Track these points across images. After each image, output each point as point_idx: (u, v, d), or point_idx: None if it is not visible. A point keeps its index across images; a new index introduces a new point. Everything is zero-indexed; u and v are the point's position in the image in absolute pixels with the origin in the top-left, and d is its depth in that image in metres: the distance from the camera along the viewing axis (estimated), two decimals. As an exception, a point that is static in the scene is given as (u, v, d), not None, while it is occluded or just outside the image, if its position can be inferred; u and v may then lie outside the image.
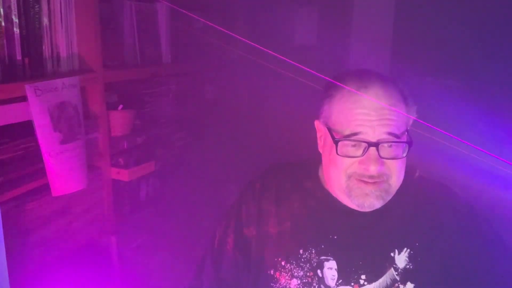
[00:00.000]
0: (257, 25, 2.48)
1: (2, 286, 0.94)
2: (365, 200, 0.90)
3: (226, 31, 2.16)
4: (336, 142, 0.90)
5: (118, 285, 1.68)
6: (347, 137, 0.89)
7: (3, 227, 0.92)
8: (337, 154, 0.90)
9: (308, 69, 1.07)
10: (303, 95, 1.37)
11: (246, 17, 2.52)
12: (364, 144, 0.88)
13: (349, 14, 2.40)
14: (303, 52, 2.47)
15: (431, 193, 0.99)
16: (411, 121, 0.94)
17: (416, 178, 1.01)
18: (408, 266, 0.94)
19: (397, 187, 0.93)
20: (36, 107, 1.26)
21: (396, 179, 0.91)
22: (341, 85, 0.93)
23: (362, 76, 0.93)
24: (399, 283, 0.94)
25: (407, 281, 0.94)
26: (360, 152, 0.89)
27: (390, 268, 0.94)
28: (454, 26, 1.90)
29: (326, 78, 0.97)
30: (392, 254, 0.95)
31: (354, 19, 2.39)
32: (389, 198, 0.92)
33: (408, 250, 0.95)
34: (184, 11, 1.97)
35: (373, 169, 0.88)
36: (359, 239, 0.97)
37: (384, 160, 0.88)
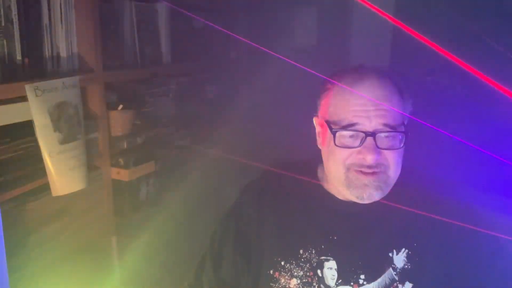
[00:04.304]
0: (257, 25, 2.48)
1: (2, 286, 0.94)
2: (364, 191, 0.91)
3: (226, 31, 2.16)
4: (333, 133, 0.91)
5: (118, 285, 1.68)
6: (344, 127, 0.90)
7: (3, 227, 0.92)
8: (335, 145, 0.91)
9: (308, 69, 1.07)
10: (303, 95, 1.37)
11: (246, 17, 2.52)
12: (361, 134, 0.89)
13: (349, 14, 2.40)
14: (303, 52, 2.47)
15: (430, 193, 1.00)
16: (407, 113, 0.95)
17: (415, 178, 1.02)
18: (406, 266, 0.94)
19: (395, 179, 0.93)
20: (36, 107, 1.26)
21: (394, 170, 0.92)
22: (338, 79, 0.94)
23: (359, 69, 0.96)
24: (397, 282, 0.94)
25: (405, 281, 0.94)
26: (357, 142, 0.90)
27: (388, 268, 0.95)
28: (454, 26, 1.90)
29: (326, 78, 0.98)
30: (390, 254, 0.95)
31: (354, 19, 2.39)
32: (388, 189, 0.93)
33: (407, 250, 0.95)
34: (184, 11, 1.97)
35: (370, 158, 0.89)
36: (359, 239, 0.97)
37: (382, 150, 0.89)
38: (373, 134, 0.89)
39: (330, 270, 0.96)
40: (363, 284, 0.94)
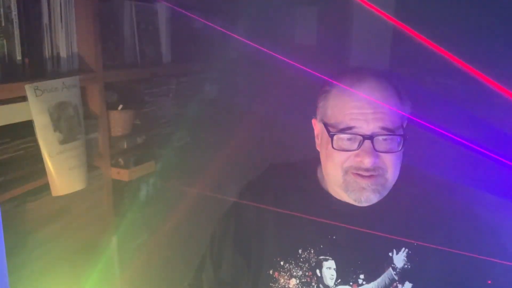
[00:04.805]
0: (257, 25, 2.48)
1: (2, 286, 0.94)
2: (362, 194, 0.91)
3: (226, 31, 2.16)
4: (331, 136, 0.91)
5: (118, 285, 1.68)
6: (342, 130, 0.90)
7: (3, 227, 0.92)
8: (333, 148, 0.91)
9: (308, 69, 1.07)
10: (303, 94, 1.37)
11: (246, 17, 2.52)
12: (359, 137, 0.89)
13: (349, 14, 2.40)
14: (303, 51, 2.47)
15: (430, 193, 1.00)
16: (406, 117, 0.95)
17: (414, 178, 1.02)
18: (406, 266, 0.94)
19: (393, 182, 0.93)
20: (36, 107, 1.26)
21: (392, 173, 0.92)
22: (336, 81, 0.94)
23: (357, 72, 0.95)
24: (397, 282, 0.94)
25: (405, 281, 0.94)
26: (355, 145, 0.90)
27: (388, 268, 0.95)
28: (454, 26, 1.90)
29: (326, 77, 0.98)
30: (390, 254, 0.95)
31: (354, 18, 2.39)
32: (385, 192, 0.93)
33: (407, 250, 0.95)
34: (184, 11, 1.98)
35: (368, 161, 0.89)
36: (358, 239, 0.97)
37: (380, 153, 0.89)
38: (371, 138, 0.88)
39: (329, 270, 0.96)
40: (362, 284, 0.94)
